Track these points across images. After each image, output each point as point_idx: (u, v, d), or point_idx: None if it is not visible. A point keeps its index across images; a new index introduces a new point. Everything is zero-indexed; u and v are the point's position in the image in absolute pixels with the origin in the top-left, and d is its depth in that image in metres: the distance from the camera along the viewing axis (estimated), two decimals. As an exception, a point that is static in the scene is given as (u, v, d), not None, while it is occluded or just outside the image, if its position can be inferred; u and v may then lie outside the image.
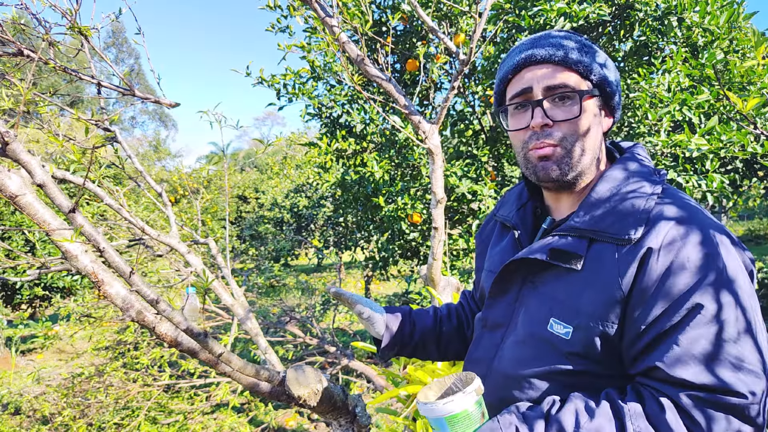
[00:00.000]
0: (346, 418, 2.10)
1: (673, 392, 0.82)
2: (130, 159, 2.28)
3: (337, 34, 2.26)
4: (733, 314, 0.81)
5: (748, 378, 0.78)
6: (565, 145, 1.00)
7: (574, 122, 0.99)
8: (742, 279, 0.85)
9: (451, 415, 0.91)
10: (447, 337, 1.39)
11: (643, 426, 0.81)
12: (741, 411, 0.78)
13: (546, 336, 0.97)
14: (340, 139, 4.71)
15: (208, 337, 1.35)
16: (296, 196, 12.76)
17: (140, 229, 2.07)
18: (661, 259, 0.86)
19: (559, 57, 1.00)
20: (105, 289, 1.26)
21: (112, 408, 4.24)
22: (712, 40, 3.61)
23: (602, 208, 0.96)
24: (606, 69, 1.03)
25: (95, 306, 4.97)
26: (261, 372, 1.55)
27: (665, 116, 3.34)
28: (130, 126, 39.75)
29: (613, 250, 0.91)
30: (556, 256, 0.97)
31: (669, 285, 0.84)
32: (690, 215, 0.89)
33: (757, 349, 0.81)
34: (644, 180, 0.98)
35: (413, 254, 5.19)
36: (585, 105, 1.00)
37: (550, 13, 3.42)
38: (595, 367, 0.94)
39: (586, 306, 0.92)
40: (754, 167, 5.44)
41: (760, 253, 13.39)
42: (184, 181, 9.42)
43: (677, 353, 0.82)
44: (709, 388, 0.79)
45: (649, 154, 3.39)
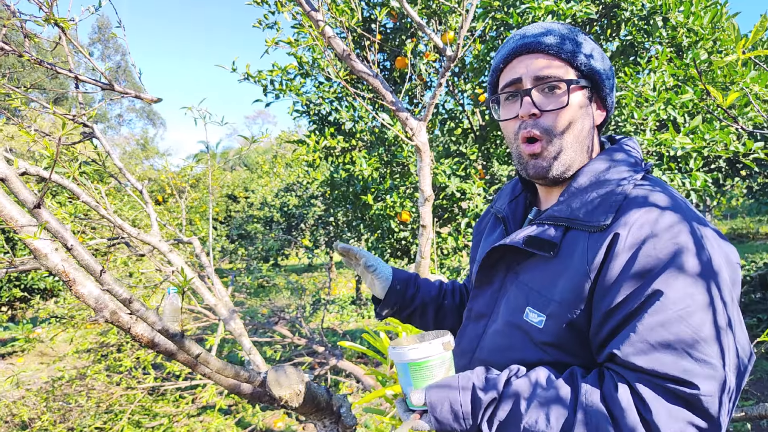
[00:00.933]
0: (330, 419, 2.07)
1: (631, 377, 0.81)
2: (110, 156, 2.24)
3: (321, 27, 2.23)
4: (694, 303, 0.79)
5: (702, 370, 0.77)
6: (552, 136, 1.00)
7: (561, 112, 0.99)
8: (713, 268, 0.82)
9: (413, 362, 0.95)
10: (446, 310, 1.40)
11: (595, 402, 0.81)
12: (694, 403, 0.76)
13: (521, 325, 0.98)
14: (328, 137, 4.68)
15: (185, 338, 1.31)
16: (286, 195, 12.70)
17: (118, 227, 2.02)
18: (627, 245, 0.85)
19: (548, 46, 1.00)
20: (77, 288, 1.22)
21: (94, 412, 4.17)
22: (696, 40, 3.63)
23: (579, 196, 0.97)
24: (594, 60, 1.02)
25: (77, 307, 4.90)
26: (241, 373, 1.52)
27: (650, 115, 3.35)
28: (116, 124, 39.44)
29: (585, 238, 0.91)
30: (532, 243, 0.98)
31: (632, 271, 0.84)
32: (662, 202, 0.88)
33: (717, 342, 0.78)
34: (624, 169, 0.97)
35: (403, 253, 5.17)
36: (573, 95, 1.00)
37: (537, 11, 3.42)
38: (568, 358, 0.94)
39: (558, 294, 0.92)
40: (736, 166, 5.49)
41: (744, 251, 13.52)
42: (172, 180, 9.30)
43: (633, 340, 0.81)
44: (661, 376, 0.78)
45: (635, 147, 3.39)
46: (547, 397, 0.85)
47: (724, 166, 5.21)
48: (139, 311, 1.19)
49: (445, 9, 4.19)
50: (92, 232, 3.86)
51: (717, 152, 3.14)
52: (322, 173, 4.94)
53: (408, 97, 4.98)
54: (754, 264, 7.90)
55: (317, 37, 2.44)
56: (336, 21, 2.37)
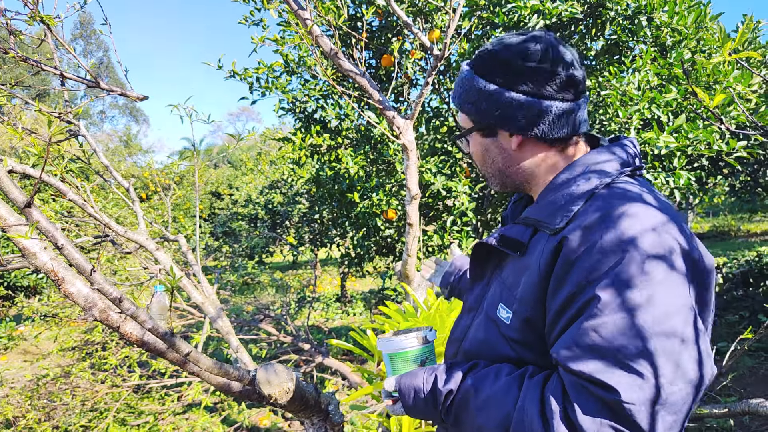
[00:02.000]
0: (318, 417, 2.08)
1: (565, 378, 0.83)
2: (96, 154, 2.22)
3: (309, 26, 2.23)
4: (631, 311, 0.78)
5: (628, 377, 0.76)
6: (479, 168, 1.16)
7: (472, 154, 1.14)
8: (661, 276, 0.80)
9: (392, 352, 1.08)
10: None
11: (533, 401, 0.85)
12: (617, 409, 0.76)
13: (495, 319, 1.02)
14: (314, 135, 4.67)
15: (175, 336, 1.32)
16: (271, 192, 12.64)
17: (105, 226, 2.01)
18: (572, 249, 0.85)
19: (451, 98, 1.14)
20: (66, 287, 1.22)
21: (79, 410, 4.13)
22: (680, 39, 3.68)
23: (548, 198, 0.99)
24: (478, 102, 1.06)
25: (61, 305, 4.85)
26: (231, 371, 1.52)
27: (635, 114, 3.39)
28: (99, 120, 38.93)
29: (544, 239, 0.94)
30: (503, 242, 1.03)
31: (575, 276, 0.84)
32: (619, 207, 0.86)
33: (652, 351, 0.77)
34: (592, 173, 0.97)
35: (389, 251, 5.18)
36: (474, 139, 1.12)
37: (523, 10, 3.44)
38: (533, 354, 0.96)
39: (520, 293, 0.96)
40: (719, 165, 5.57)
41: (726, 248, 13.73)
42: (156, 177, 9.22)
43: (568, 343, 0.82)
44: (587, 379, 0.79)
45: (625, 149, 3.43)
46: (494, 393, 0.91)
47: (706, 164, 5.29)
48: (129, 310, 1.19)
49: (431, 7, 4.20)
50: (77, 229, 3.82)
51: (700, 151, 3.19)
52: (307, 171, 4.92)
53: (394, 95, 4.99)
54: (736, 261, 8.02)
55: (304, 36, 2.44)
56: (323, 19, 2.37)
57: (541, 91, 0.99)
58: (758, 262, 7.18)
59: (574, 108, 1.01)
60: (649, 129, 3.76)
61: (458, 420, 0.97)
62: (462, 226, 4.33)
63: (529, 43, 1.00)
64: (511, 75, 1.00)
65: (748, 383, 4.64)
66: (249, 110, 51.51)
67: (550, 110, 1.00)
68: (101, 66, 35.40)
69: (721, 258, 9.71)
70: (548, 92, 0.99)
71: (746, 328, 5.52)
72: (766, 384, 4.59)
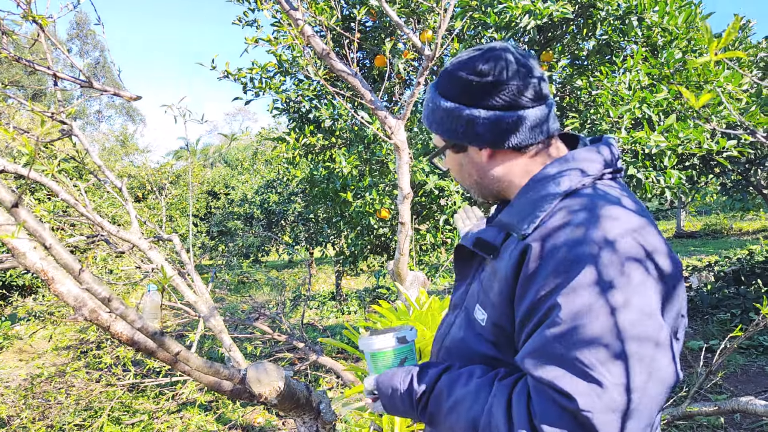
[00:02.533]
0: (310, 415, 2.09)
1: (531, 384, 0.84)
2: (89, 153, 2.23)
3: (301, 26, 2.25)
4: (593, 319, 0.78)
5: (586, 385, 0.77)
6: (457, 179, 1.18)
7: (450, 170, 1.17)
8: (623, 281, 0.80)
9: (372, 351, 1.10)
10: None
11: (500, 405, 0.86)
12: (576, 417, 0.77)
13: (472, 320, 1.05)
14: (308, 134, 4.69)
15: (165, 336, 1.33)
16: (266, 191, 12.65)
17: (98, 225, 2.02)
18: (535, 257, 0.86)
19: (422, 119, 1.17)
20: (56, 287, 1.23)
21: (74, 409, 4.14)
22: (670, 39, 3.70)
23: (519, 201, 1.00)
24: (443, 123, 1.08)
25: (56, 304, 4.85)
26: (221, 370, 1.54)
27: (626, 113, 3.41)
28: (95, 120, 38.78)
29: (513, 244, 0.95)
30: (478, 245, 1.05)
31: (538, 283, 0.85)
32: (584, 213, 0.87)
33: (608, 356, 0.77)
34: (570, 174, 0.97)
35: (383, 249, 5.21)
36: (449, 156, 1.14)
37: (515, 11, 3.46)
38: (507, 356, 0.97)
39: (492, 297, 0.98)
40: (710, 164, 5.61)
41: (718, 247, 13.80)
42: (152, 176, 9.20)
43: (532, 350, 0.83)
44: (549, 385, 0.79)
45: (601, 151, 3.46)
46: (465, 395, 0.93)
47: (697, 163, 5.32)
48: (118, 309, 1.20)
49: (423, 8, 4.22)
50: (72, 229, 3.83)
51: (691, 150, 3.22)
52: (302, 170, 4.94)
53: (387, 95, 5.01)
54: (728, 260, 8.07)
55: (297, 36, 2.46)
56: (315, 20, 2.39)
57: (499, 104, 1.00)
58: (750, 261, 7.22)
59: (537, 113, 1.01)
60: (640, 128, 3.78)
61: (432, 420, 0.99)
62: (454, 226, 4.35)
63: (481, 58, 1.01)
64: (469, 92, 1.02)
65: (740, 381, 4.67)
66: (245, 110, 51.40)
67: (512, 120, 1.00)
68: (98, 66, 35.27)
69: (713, 256, 9.77)
70: (507, 103, 0.99)
71: (737, 326, 5.56)
72: (758, 382, 4.62)
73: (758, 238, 13.86)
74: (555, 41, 4.31)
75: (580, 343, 0.78)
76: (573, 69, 4.32)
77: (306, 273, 12.53)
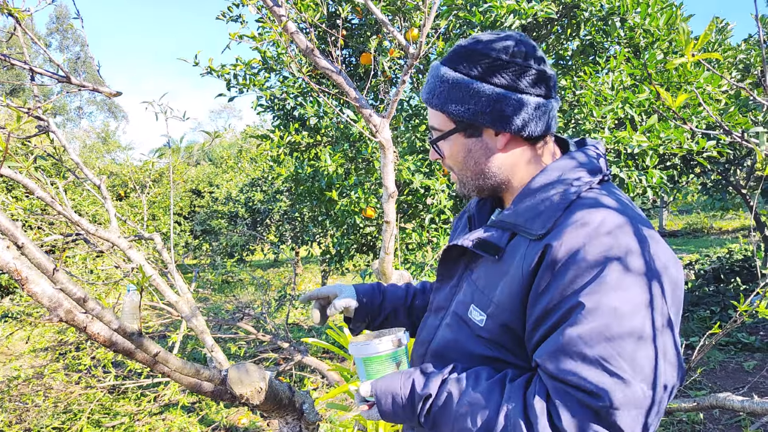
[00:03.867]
0: (293, 416, 2.07)
1: (549, 384, 0.85)
2: (66, 150, 2.19)
3: (284, 23, 2.22)
4: (616, 318, 0.80)
5: (615, 384, 0.78)
6: (455, 173, 1.11)
7: (449, 157, 1.09)
8: (638, 284, 0.83)
9: (365, 357, 1.05)
10: (418, 309, 1.43)
11: (516, 407, 0.86)
12: (603, 415, 0.79)
13: (466, 321, 1.03)
14: (293, 132, 4.65)
15: (143, 337, 1.30)
16: (251, 190, 12.56)
17: (76, 224, 1.98)
18: (557, 256, 0.87)
19: (427, 101, 1.07)
20: (29, 287, 1.20)
21: (52, 412, 4.07)
22: (652, 41, 3.73)
23: (525, 202, 0.99)
24: (465, 103, 1.00)
25: (33, 305, 4.76)
26: (201, 371, 1.51)
27: (609, 114, 3.44)
28: (76, 116, 38.29)
29: (525, 244, 0.94)
30: (480, 245, 1.02)
31: (559, 283, 0.86)
32: (599, 214, 0.89)
33: (635, 357, 0.80)
34: (570, 179, 0.98)
35: (369, 248, 5.18)
36: (455, 141, 1.06)
37: (500, 10, 3.46)
38: (509, 356, 0.98)
39: (497, 296, 0.96)
40: (691, 164, 5.67)
41: (698, 245, 13.98)
42: (134, 174, 9.07)
43: (553, 350, 0.84)
44: (574, 386, 0.81)
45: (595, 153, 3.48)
46: (475, 397, 0.90)
47: (678, 163, 5.38)
48: (94, 310, 1.17)
49: (409, 6, 4.21)
50: (50, 227, 3.76)
51: (672, 150, 3.25)
52: (287, 168, 4.90)
53: (373, 94, 4.99)
54: (708, 258, 8.18)
55: (280, 33, 2.43)
56: (300, 17, 2.36)
57: (528, 88, 0.99)
58: (729, 259, 7.33)
59: (549, 104, 1.01)
60: (623, 128, 3.81)
61: (436, 424, 0.96)
62: (440, 224, 4.35)
63: (509, 39, 1.00)
64: (499, 71, 0.98)
65: (719, 377, 4.74)
66: (230, 107, 51.07)
67: (538, 107, 0.99)
68: (78, 61, 34.81)
69: (694, 255, 9.88)
70: (530, 88, 0.99)
71: (717, 324, 5.64)
72: (736, 378, 4.69)
73: (737, 236, 14.07)
74: (539, 41, 4.32)
75: (605, 342, 0.80)
76: (557, 69, 4.34)
77: (291, 272, 12.48)
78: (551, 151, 1.09)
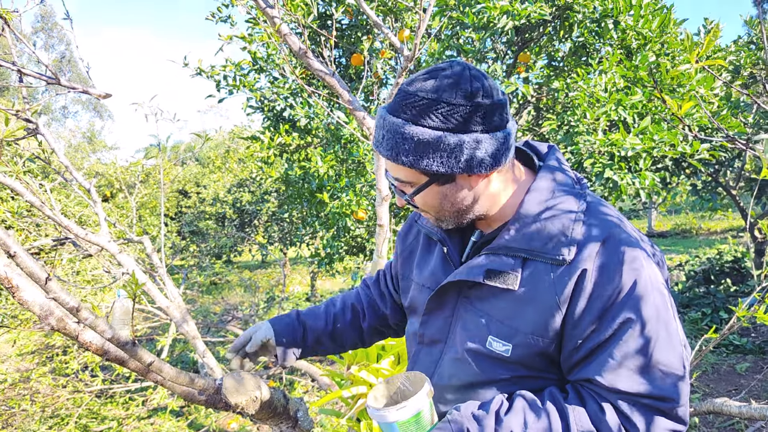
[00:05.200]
0: (287, 423, 2.04)
1: (613, 398, 0.89)
2: (55, 153, 2.14)
3: (277, 25, 2.19)
4: (658, 327, 0.88)
5: (674, 383, 0.87)
6: (431, 215, 1.06)
7: (424, 204, 1.03)
8: (662, 292, 0.92)
9: (402, 420, 0.93)
10: (341, 333, 1.43)
11: (586, 426, 0.88)
12: (671, 413, 0.87)
13: (485, 353, 1.00)
14: (283, 134, 4.61)
15: (137, 346, 1.27)
16: (239, 190, 12.47)
17: (66, 228, 1.94)
18: (595, 278, 0.91)
19: (391, 158, 0.97)
20: (20, 295, 1.16)
21: (39, 416, 4.00)
22: (645, 43, 3.75)
23: (533, 226, 0.98)
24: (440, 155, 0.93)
25: (20, 309, 4.68)
26: (195, 380, 1.48)
27: (602, 116, 3.44)
28: (61, 116, 37.83)
29: (548, 270, 0.95)
30: (493, 276, 0.99)
31: (602, 302, 0.90)
32: (615, 235, 0.94)
33: (679, 356, 0.88)
34: (570, 195, 1.00)
35: (359, 250, 5.16)
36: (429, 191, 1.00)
37: (493, 11, 3.45)
38: (536, 373, 0.99)
39: (524, 325, 0.96)
40: (682, 165, 5.71)
41: (687, 246, 14.10)
42: (121, 175, 8.97)
43: (612, 365, 0.89)
44: (643, 395, 0.87)
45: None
46: (540, 426, 0.90)
47: (670, 164, 5.41)
48: (87, 320, 1.14)
49: (401, 7, 4.19)
50: (37, 230, 3.69)
51: (665, 152, 3.26)
52: (276, 170, 4.86)
53: (364, 95, 4.97)
54: (697, 259, 8.23)
55: (273, 34, 2.40)
56: (291, 17, 2.33)
57: (492, 125, 0.94)
58: (719, 260, 7.38)
59: (510, 131, 0.98)
60: (616, 130, 3.82)
61: None
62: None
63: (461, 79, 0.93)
64: (464, 118, 0.92)
65: (711, 380, 4.76)
66: (217, 107, 50.75)
67: (507, 137, 0.96)
68: (63, 60, 34.41)
69: (684, 256, 9.96)
70: (495, 123, 0.95)
71: (708, 325, 5.68)
72: (729, 380, 4.72)
73: (726, 237, 14.21)
74: (532, 42, 4.32)
75: (660, 350, 0.88)
76: (550, 70, 4.34)
77: (280, 274, 12.42)
78: (515, 165, 1.08)
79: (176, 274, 8.62)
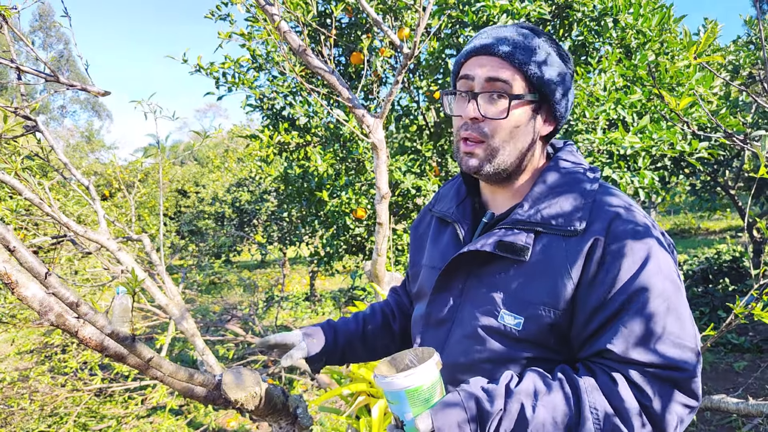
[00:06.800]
0: (286, 420, 2.04)
1: (624, 369, 0.88)
2: (54, 150, 2.14)
3: (277, 22, 2.19)
4: (670, 298, 0.89)
5: (687, 354, 0.87)
6: (488, 141, 1.04)
7: (501, 122, 1.03)
8: (673, 265, 0.94)
9: (411, 388, 0.90)
10: (373, 336, 1.42)
11: (598, 398, 0.87)
12: (683, 383, 0.87)
13: (496, 327, 1.00)
14: (282, 132, 4.61)
15: (136, 341, 1.27)
16: (238, 190, 12.47)
17: (65, 226, 1.94)
18: (607, 249, 0.92)
19: (504, 52, 1.02)
20: (20, 291, 1.16)
21: (38, 415, 3.99)
22: (644, 41, 3.75)
23: (546, 201, 1.01)
24: (548, 68, 1.04)
25: (18, 307, 4.68)
26: (195, 376, 1.48)
27: (601, 114, 3.44)
28: (59, 115, 37.83)
29: (560, 241, 0.97)
30: (504, 248, 1.00)
31: (614, 273, 0.91)
32: (626, 209, 0.97)
33: (693, 326, 0.90)
34: (582, 176, 1.05)
35: (358, 249, 5.15)
36: (516, 108, 1.03)
37: (492, 9, 3.45)
38: (547, 353, 0.99)
39: (536, 296, 0.96)
40: (681, 164, 5.72)
41: (686, 246, 14.11)
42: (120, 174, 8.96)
43: (625, 335, 0.88)
44: (656, 365, 0.86)
45: (584, 152, 3.49)
46: (550, 399, 0.88)
47: (669, 164, 5.41)
48: (87, 315, 1.14)
49: (401, 5, 4.18)
50: (35, 228, 3.69)
51: (664, 151, 3.26)
52: (275, 169, 4.86)
53: (364, 93, 4.96)
54: (696, 259, 8.24)
55: (272, 32, 2.40)
56: (291, 15, 2.33)
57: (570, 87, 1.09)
58: (717, 260, 7.39)
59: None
60: (615, 129, 3.82)
61: None
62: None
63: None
64: (566, 61, 1.08)
65: (709, 378, 4.77)
66: (216, 106, 50.70)
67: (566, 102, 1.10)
68: (62, 59, 34.38)
69: (682, 255, 9.97)
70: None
71: (707, 324, 5.68)
72: (727, 378, 4.73)
73: (724, 237, 14.22)
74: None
75: (674, 320, 0.88)
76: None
77: (279, 273, 12.42)
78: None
79: (175, 274, 8.61)
